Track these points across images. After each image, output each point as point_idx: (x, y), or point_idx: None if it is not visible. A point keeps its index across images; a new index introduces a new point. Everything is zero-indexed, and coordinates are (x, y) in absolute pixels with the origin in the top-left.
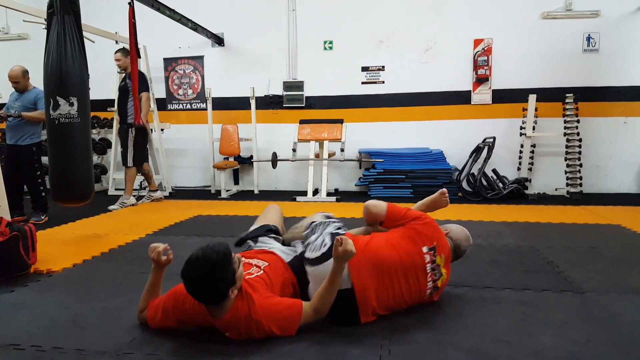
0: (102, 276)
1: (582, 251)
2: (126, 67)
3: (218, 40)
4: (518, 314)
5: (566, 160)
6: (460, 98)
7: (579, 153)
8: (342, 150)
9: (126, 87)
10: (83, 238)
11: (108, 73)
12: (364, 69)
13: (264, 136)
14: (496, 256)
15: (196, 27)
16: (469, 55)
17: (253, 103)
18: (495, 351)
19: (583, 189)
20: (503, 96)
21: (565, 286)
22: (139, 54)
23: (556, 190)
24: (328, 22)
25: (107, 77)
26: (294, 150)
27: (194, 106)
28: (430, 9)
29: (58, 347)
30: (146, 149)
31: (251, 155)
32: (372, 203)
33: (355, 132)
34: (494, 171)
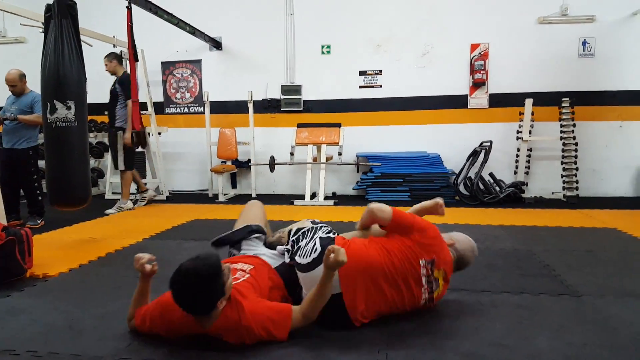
0: (99, 281)
1: (579, 255)
2: (114, 72)
3: (216, 44)
4: (515, 318)
5: (562, 164)
6: (457, 102)
7: (575, 157)
8: (340, 154)
9: (115, 92)
10: (80, 242)
11: (105, 77)
12: (362, 73)
13: (262, 140)
14: (493, 260)
15: (194, 31)
16: (466, 59)
17: (251, 107)
18: (492, 355)
19: (579, 193)
20: (500, 100)
21: (561, 289)
22: (137, 57)
23: (553, 193)
24: (326, 27)
25: (105, 81)
26: (292, 154)
27: (192, 110)
28: (427, 14)
29: (54, 353)
30: (134, 154)
31: (249, 159)
32: (378, 207)
33: (352, 136)
34: (491, 175)
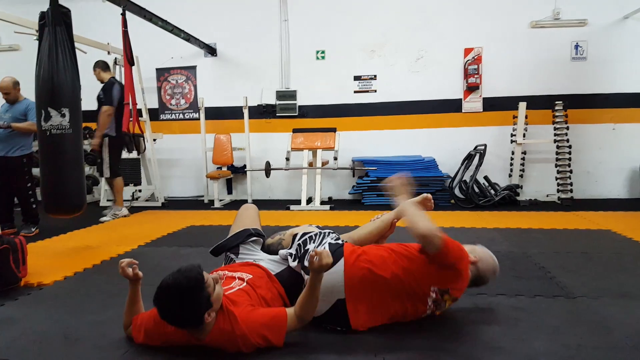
0: (94, 289)
1: (574, 256)
2: (101, 79)
3: (211, 50)
4: (511, 320)
5: (557, 166)
6: (451, 106)
7: (569, 159)
8: (336, 158)
9: (100, 99)
10: (74, 250)
11: (100, 84)
12: (356, 78)
13: (257, 145)
14: None
15: (189, 38)
16: (460, 64)
17: (246, 112)
18: (488, 357)
19: (574, 195)
20: (493, 104)
21: (557, 291)
22: (133, 62)
23: (547, 196)
24: (320, 32)
25: (99, 88)
26: (288, 159)
27: (187, 116)
28: (420, 19)
29: None
30: (119, 162)
31: (244, 164)
32: (430, 232)
33: (348, 141)
34: (486, 178)
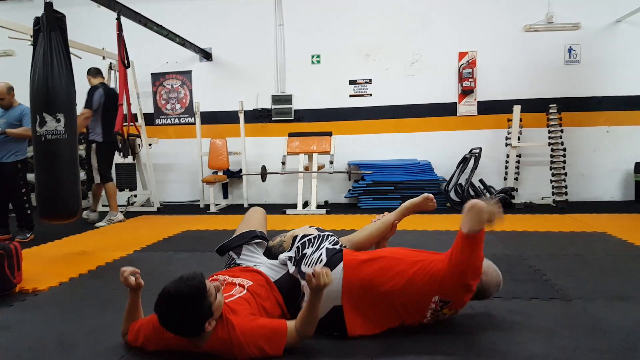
0: (90, 294)
1: (569, 259)
2: (91, 85)
3: (206, 55)
4: (507, 323)
5: (551, 169)
6: (446, 110)
7: (564, 162)
8: (332, 162)
9: None
10: (70, 256)
11: None
12: (352, 82)
13: (253, 150)
14: None
15: (184, 42)
16: (454, 67)
17: (242, 117)
18: None
19: (569, 198)
20: (488, 107)
21: (552, 294)
22: (128, 64)
23: (542, 199)
24: (315, 37)
25: None
26: (284, 163)
27: (182, 121)
28: (415, 24)
29: None
30: (109, 167)
31: (240, 169)
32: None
33: (344, 145)
34: (481, 181)
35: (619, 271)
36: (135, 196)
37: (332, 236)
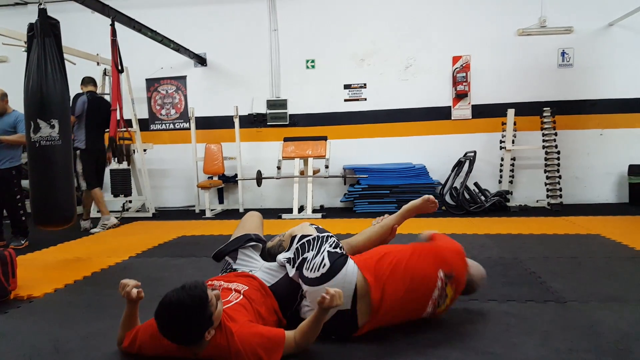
0: (85, 300)
1: (564, 261)
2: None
3: (200, 60)
4: (502, 325)
5: (546, 172)
6: (440, 114)
7: (558, 165)
8: (327, 167)
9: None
10: (65, 262)
11: None
12: (346, 87)
13: (248, 154)
14: None
15: (178, 48)
16: (448, 71)
17: (237, 122)
18: None
19: (563, 200)
20: (482, 111)
21: (547, 296)
22: (122, 69)
23: (537, 202)
24: (310, 42)
25: None
26: (279, 167)
27: (177, 126)
28: (409, 28)
29: None
30: (94, 174)
31: (236, 173)
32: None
33: (339, 149)
34: (476, 184)
35: (614, 273)
36: (130, 202)
37: (332, 237)
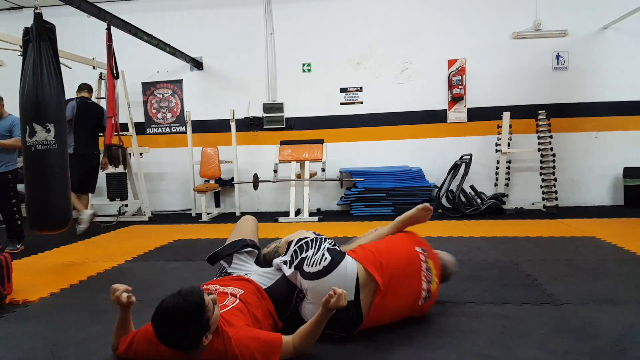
0: (81, 305)
1: (559, 264)
2: None
3: (197, 63)
4: (498, 328)
5: (541, 175)
6: (436, 117)
7: (554, 168)
8: (323, 170)
9: None
10: (61, 266)
11: None
12: (343, 90)
13: (245, 158)
14: (476, 271)
15: (174, 52)
16: (444, 75)
17: (233, 125)
18: None
19: (559, 203)
20: (478, 114)
21: (543, 299)
22: (117, 75)
23: (533, 204)
24: (306, 45)
25: None
26: (275, 171)
27: (174, 130)
28: (405, 32)
29: None
30: (74, 180)
31: (232, 177)
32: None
33: (335, 152)
34: (472, 187)
35: (609, 275)
36: (126, 206)
37: (329, 239)
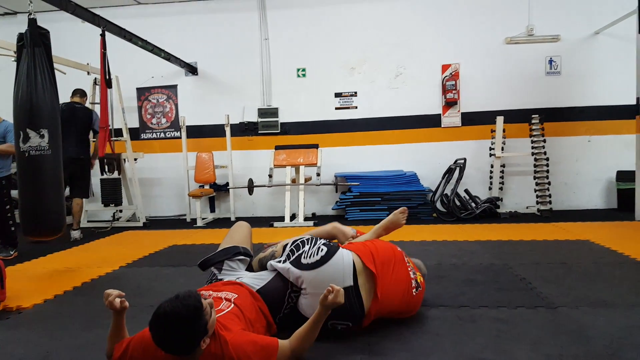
0: (75, 311)
1: (554, 267)
2: None
3: (191, 69)
4: (493, 332)
5: (535, 178)
6: (430, 121)
7: (547, 171)
8: (318, 174)
9: None
10: (54, 272)
11: None
12: (337, 95)
13: (240, 163)
14: (471, 275)
15: (169, 57)
16: (438, 80)
17: (228, 130)
18: None
19: (552, 206)
20: (472, 119)
21: (538, 302)
22: (110, 84)
23: (527, 208)
24: (300, 50)
25: None
26: (270, 176)
27: (168, 135)
28: (399, 37)
29: None
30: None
31: (227, 182)
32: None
33: (330, 157)
34: (467, 191)
35: (603, 278)
36: (120, 211)
37: (325, 240)
